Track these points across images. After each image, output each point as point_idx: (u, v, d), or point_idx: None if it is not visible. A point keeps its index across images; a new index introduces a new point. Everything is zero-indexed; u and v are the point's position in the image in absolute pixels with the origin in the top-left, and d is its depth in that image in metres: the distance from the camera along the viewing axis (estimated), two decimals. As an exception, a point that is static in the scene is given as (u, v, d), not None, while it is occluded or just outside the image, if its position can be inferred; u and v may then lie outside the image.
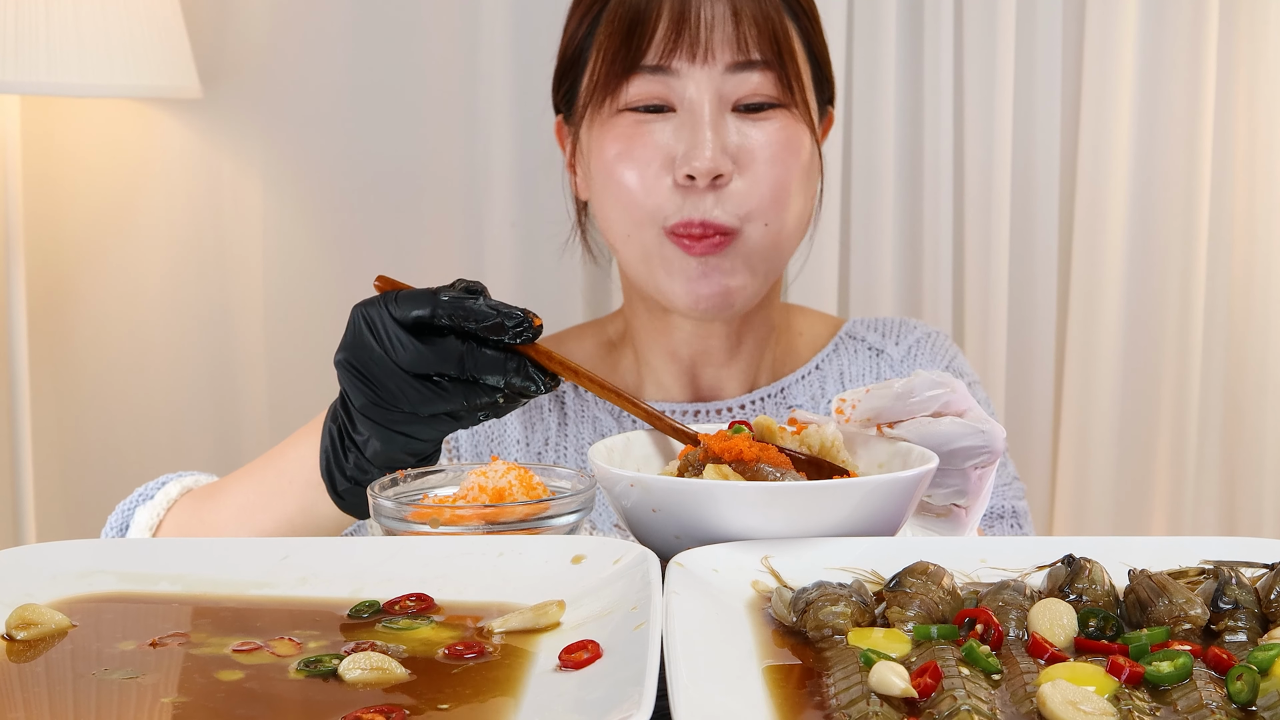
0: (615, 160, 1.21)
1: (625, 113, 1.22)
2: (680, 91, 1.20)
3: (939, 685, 0.64)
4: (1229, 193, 2.20)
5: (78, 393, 2.24)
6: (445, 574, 0.80)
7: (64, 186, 2.20)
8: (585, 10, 1.27)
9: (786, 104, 1.22)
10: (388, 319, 0.87)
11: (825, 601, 0.74)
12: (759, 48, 1.20)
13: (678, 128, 1.20)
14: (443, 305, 0.86)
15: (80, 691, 0.67)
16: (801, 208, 1.25)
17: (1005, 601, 0.75)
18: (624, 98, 1.21)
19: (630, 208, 1.21)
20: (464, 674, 0.68)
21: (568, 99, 1.30)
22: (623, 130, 1.21)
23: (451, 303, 0.86)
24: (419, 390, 0.87)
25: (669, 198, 1.20)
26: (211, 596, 0.80)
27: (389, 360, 0.87)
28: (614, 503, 0.88)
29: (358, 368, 0.88)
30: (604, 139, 1.23)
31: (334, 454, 0.93)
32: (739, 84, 1.20)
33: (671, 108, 1.21)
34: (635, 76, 1.20)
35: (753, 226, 1.21)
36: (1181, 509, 2.23)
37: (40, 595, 0.79)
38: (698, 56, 1.18)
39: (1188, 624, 0.73)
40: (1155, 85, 2.16)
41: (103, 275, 2.22)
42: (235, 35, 2.16)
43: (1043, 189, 2.17)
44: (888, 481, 0.82)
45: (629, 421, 1.31)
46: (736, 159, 1.20)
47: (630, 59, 1.20)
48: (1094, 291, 2.18)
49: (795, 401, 1.31)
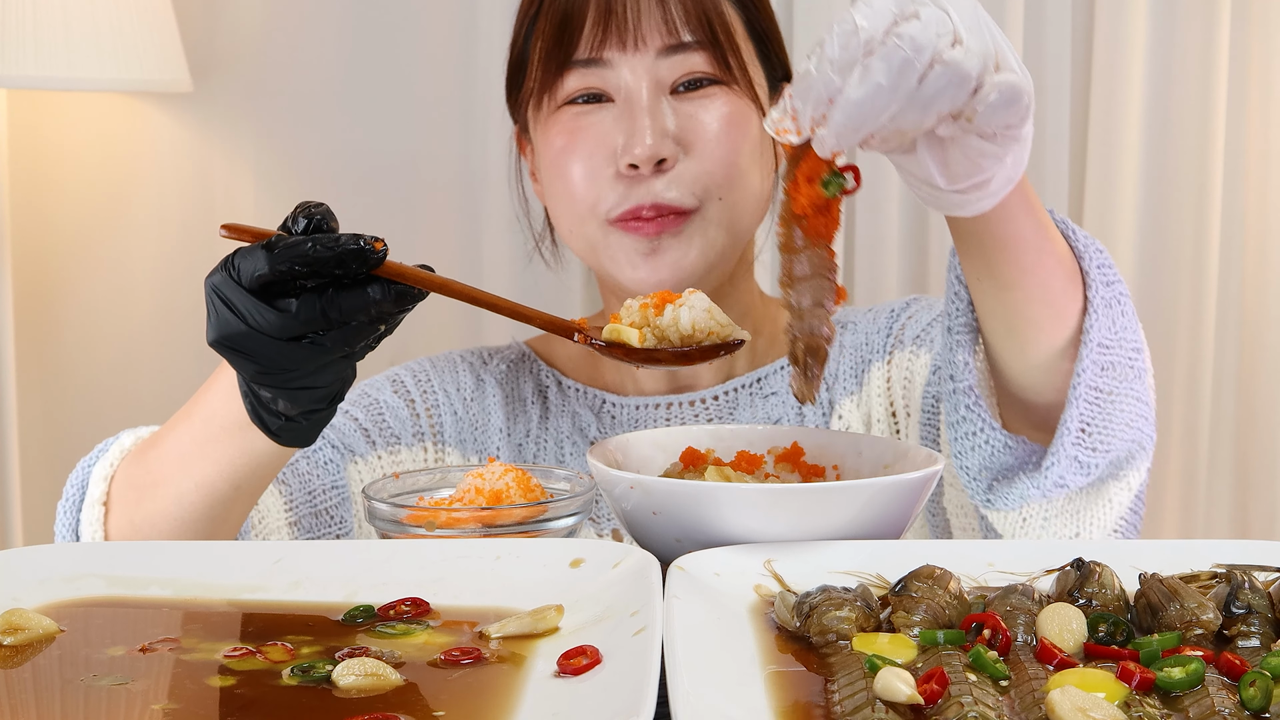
0: (559, 155, 1.23)
1: (565, 107, 1.23)
2: (615, 81, 1.21)
3: (945, 692, 0.63)
4: (1241, 189, 2.19)
5: (66, 393, 2.22)
6: (441, 578, 0.80)
7: (51, 183, 2.18)
8: (524, 15, 1.29)
9: (726, 81, 1.23)
10: (236, 289, 0.85)
11: (829, 606, 0.73)
12: (689, 29, 1.21)
13: (617, 118, 1.21)
14: (279, 260, 0.83)
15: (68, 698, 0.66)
16: (757, 185, 1.25)
17: (1013, 606, 0.74)
18: (561, 93, 1.23)
19: (572, 202, 1.23)
20: (460, 680, 0.68)
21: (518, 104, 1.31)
22: (564, 125, 1.23)
23: (285, 253, 0.83)
24: (298, 351, 0.86)
25: (610, 189, 1.21)
26: (203, 601, 0.79)
27: (257, 333, 0.85)
28: (614, 505, 0.87)
29: (231, 346, 0.86)
30: (548, 135, 1.25)
31: (255, 403, 0.91)
32: (674, 66, 1.21)
33: (610, 98, 1.21)
34: (569, 72, 1.22)
35: (709, 204, 1.21)
36: (1193, 511, 2.22)
37: (27, 600, 0.78)
38: (628, 44, 1.20)
39: (1200, 629, 0.72)
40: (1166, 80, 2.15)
41: (91, 273, 2.20)
42: (227, 27, 2.15)
43: (1052, 185, 2.16)
44: (893, 484, 0.82)
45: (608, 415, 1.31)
46: (681, 140, 1.21)
47: (563, 55, 1.22)
48: (1105, 291, 2.17)
49: (772, 391, 1.30)
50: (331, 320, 0.85)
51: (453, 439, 1.31)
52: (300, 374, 0.87)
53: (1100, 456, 1.01)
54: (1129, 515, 1.11)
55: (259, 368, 0.86)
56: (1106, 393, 1.00)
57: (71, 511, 1.04)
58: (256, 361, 0.86)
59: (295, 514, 1.15)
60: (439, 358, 1.35)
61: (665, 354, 0.86)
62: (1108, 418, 1.01)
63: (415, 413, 1.29)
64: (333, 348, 0.86)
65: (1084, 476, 1.02)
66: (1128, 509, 1.10)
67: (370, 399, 1.28)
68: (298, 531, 1.15)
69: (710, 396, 1.30)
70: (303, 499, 1.16)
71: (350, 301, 0.85)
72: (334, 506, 1.19)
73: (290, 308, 0.84)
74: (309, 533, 1.16)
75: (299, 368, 0.86)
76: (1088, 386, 0.98)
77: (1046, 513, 1.10)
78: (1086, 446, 1.00)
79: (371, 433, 1.26)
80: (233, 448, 0.96)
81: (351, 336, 0.86)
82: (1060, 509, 1.09)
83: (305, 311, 0.84)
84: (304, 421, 0.90)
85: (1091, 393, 0.99)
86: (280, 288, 0.84)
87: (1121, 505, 1.08)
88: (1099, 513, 1.08)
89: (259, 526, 1.11)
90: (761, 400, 1.29)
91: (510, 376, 1.34)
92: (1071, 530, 1.09)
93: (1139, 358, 1.02)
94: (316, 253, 0.83)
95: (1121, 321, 1.01)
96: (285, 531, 1.13)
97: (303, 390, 0.88)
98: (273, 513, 1.12)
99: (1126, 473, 1.06)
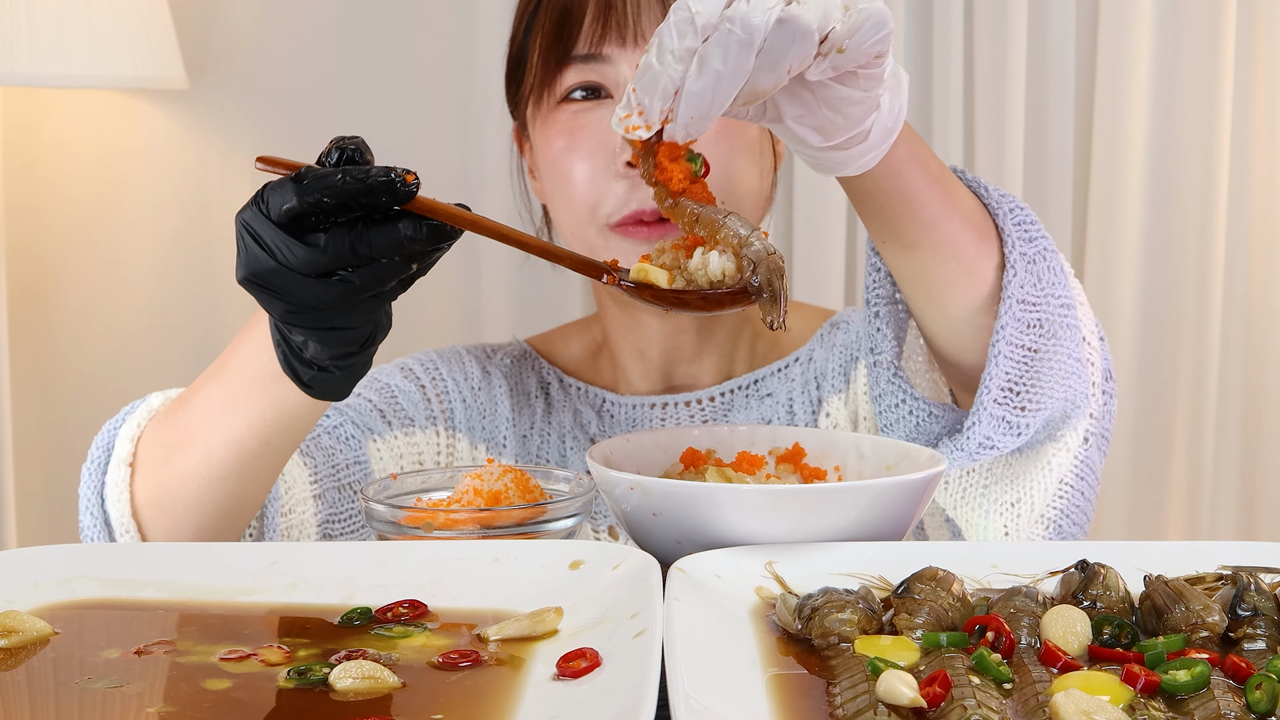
0: (560, 156, 1.23)
1: (564, 104, 1.22)
2: (615, 77, 1.21)
3: (948, 695, 0.63)
4: (1247, 188, 2.19)
5: (60, 393, 2.21)
6: (439, 580, 0.79)
7: (45, 180, 2.17)
8: (523, 10, 1.29)
9: None
10: (266, 223, 0.84)
11: (831, 608, 0.73)
12: None
13: None
14: (307, 191, 0.82)
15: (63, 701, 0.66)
16: (756, 185, 1.25)
17: (1017, 608, 0.74)
18: (560, 88, 1.22)
19: (572, 204, 1.22)
20: (458, 683, 0.67)
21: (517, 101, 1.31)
22: (563, 125, 1.22)
23: (313, 185, 0.82)
24: (327, 289, 0.84)
25: (611, 191, 1.20)
26: (198, 603, 0.79)
27: (285, 269, 0.83)
28: (613, 506, 0.87)
29: (260, 283, 0.85)
30: (548, 133, 1.24)
31: (287, 351, 0.90)
32: None
33: (609, 94, 1.21)
34: (569, 67, 1.22)
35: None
36: (1199, 512, 2.22)
37: (21, 602, 0.78)
38: (627, 40, 1.19)
39: (1205, 631, 0.72)
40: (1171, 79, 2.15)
41: (86, 272, 2.20)
42: (223, 24, 2.14)
43: (1056, 185, 2.16)
44: (895, 485, 0.81)
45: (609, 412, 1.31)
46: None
47: (563, 50, 1.21)
48: (1109, 288, 2.17)
49: (768, 392, 1.30)
50: (361, 256, 0.82)
51: (463, 425, 1.31)
52: (330, 313, 0.85)
53: (1031, 416, 1.02)
54: (1073, 480, 1.12)
55: (288, 306, 0.84)
56: (1034, 350, 1.01)
57: (96, 473, 1.03)
58: (285, 299, 0.84)
59: (320, 486, 1.14)
60: (444, 350, 1.35)
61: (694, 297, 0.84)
62: (1036, 375, 1.02)
63: (426, 397, 1.29)
64: (362, 285, 0.84)
65: (1014, 437, 1.03)
66: (1070, 472, 1.10)
67: (381, 383, 1.27)
68: (322, 505, 1.14)
69: (707, 397, 1.30)
70: (327, 472, 1.16)
71: (380, 237, 0.82)
72: (357, 481, 1.18)
73: (319, 242, 0.82)
74: (332, 507, 1.15)
75: (328, 306, 0.84)
76: (1009, 344, 0.99)
77: (985, 480, 1.11)
78: (1014, 406, 1.01)
79: (387, 414, 1.25)
80: (263, 400, 0.95)
81: (382, 274, 0.84)
82: (999, 475, 1.10)
83: (334, 247, 0.82)
84: (336, 370, 0.88)
85: (1016, 350, 1.00)
86: (310, 222, 0.83)
87: (1061, 467, 1.09)
88: (1038, 476, 1.09)
89: (285, 497, 1.09)
90: (757, 401, 1.29)
91: (514, 371, 1.34)
92: (1013, 496, 1.10)
93: (1069, 314, 1.03)
94: (345, 184, 0.81)
95: (1048, 278, 1.01)
96: (310, 505, 1.12)
97: (333, 331, 0.86)
98: (299, 483, 1.12)
99: (1063, 433, 1.08)
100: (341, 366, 0.88)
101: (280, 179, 0.84)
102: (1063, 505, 1.12)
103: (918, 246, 0.98)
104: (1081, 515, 1.15)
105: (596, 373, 1.35)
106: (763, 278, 0.82)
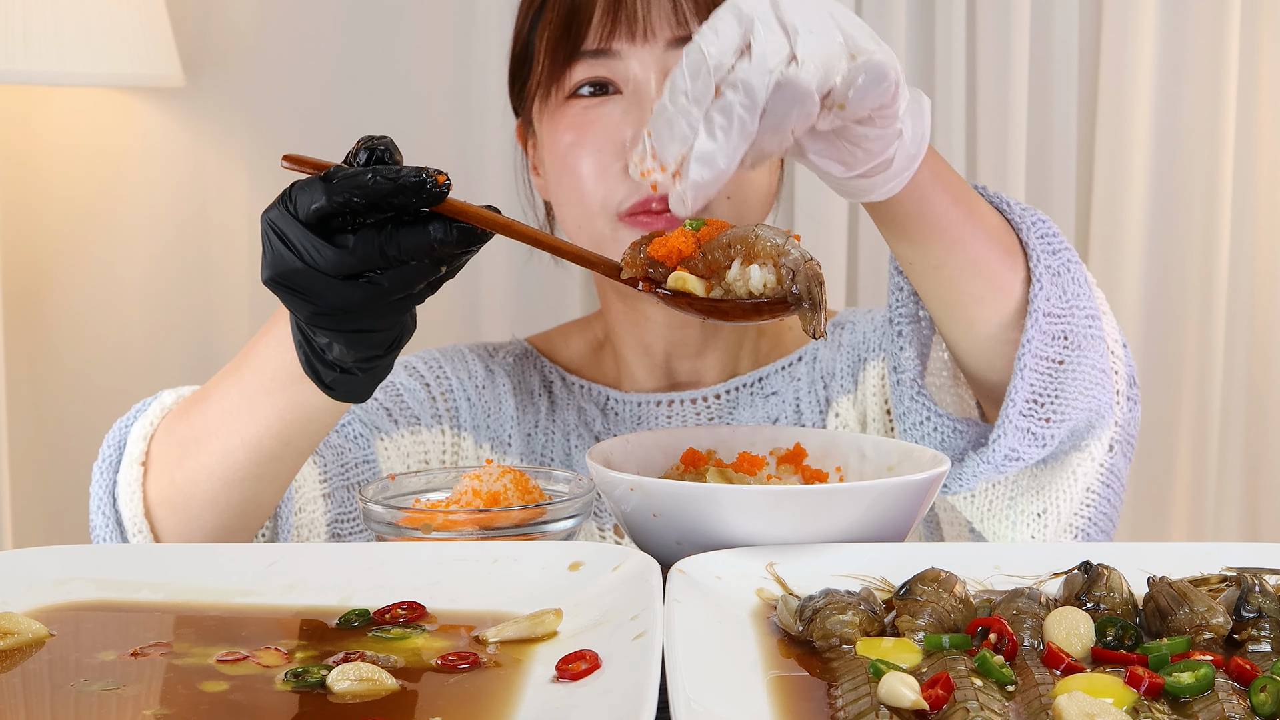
0: (569, 150, 1.22)
1: (573, 100, 1.22)
2: (624, 73, 1.20)
3: (951, 697, 0.63)
4: (1251, 189, 2.18)
5: (56, 393, 2.21)
6: (438, 581, 0.79)
7: (41, 179, 2.17)
8: (528, 8, 1.28)
9: None
10: (293, 223, 0.82)
11: (833, 610, 0.72)
12: (699, 20, 1.20)
13: (625, 110, 1.20)
14: (336, 191, 0.80)
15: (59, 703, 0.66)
16: (764, 182, 1.24)
17: (1020, 610, 0.73)
18: (568, 84, 1.22)
19: (581, 198, 1.22)
20: (457, 685, 0.67)
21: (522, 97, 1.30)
22: (572, 119, 1.22)
23: (343, 184, 0.81)
24: (354, 291, 0.83)
25: (619, 184, 1.19)
26: (195, 605, 0.78)
27: (312, 270, 0.82)
28: (613, 507, 0.86)
29: (286, 285, 0.84)
30: (555, 129, 1.23)
31: (309, 352, 0.89)
32: None
33: (618, 89, 1.21)
34: (577, 63, 1.21)
35: (717, 202, 1.21)
36: (1203, 513, 2.21)
37: (17, 603, 0.77)
38: (637, 35, 1.19)
39: (1209, 633, 0.72)
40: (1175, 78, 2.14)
41: (82, 272, 2.19)
42: (220, 21, 2.13)
43: (1059, 185, 2.15)
44: (897, 485, 0.81)
45: (613, 411, 1.30)
46: None
47: (571, 46, 1.21)
48: (1112, 288, 2.16)
49: (773, 390, 1.30)
50: (390, 258, 0.82)
51: (468, 424, 1.30)
52: (357, 316, 0.84)
53: (1056, 427, 1.02)
54: (1099, 488, 1.12)
55: (314, 308, 0.83)
56: (1060, 363, 1.01)
57: (108, 472, 1.02)
58: (312, 301, 0.83)
59: (330, 485, 1.13)
60: (446, 348, 1.35)
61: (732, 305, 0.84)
62: (1061, 387, 1.02)
63: (431, 395, 1.28)
64: (390, 288, 0.83)
65: (1039, 448, 1.03)
66: (1096, 480, 1.10)
67: (387, 382, 1.26)
68: (331, 504, 1.13)
69: (712, 395, 1.30)
70: (336, 471, 1.15)
71: (410, 239, 0.81)
72: (366, 480, 1.18)
73: (347, 244, 0.81)
74: (341, 506, 1.15)
75: (356, 308, 0.83)
76: (1035, 357, 1.00)
77: (1012, 491, 1.11)
78: (1039, 418, 1.01)
79: (394, 412, 1.25)
80: (283, 402, 0.94)
81: (411, 277, 0.83)
82: (1025, 486, 1.10)
83: (363, 248, 0.81)
84: (359, 372, 0.87)
85: (1042, 363, 1.00)
86: (339, 223, 0.82)
87: (1087, 476, 1.09)
88: (1064, 486, 1.09)
89: (296, 496, 1.09)
90: (762, 400, 1.29)
91: (517, 369, 1.34)
92: (1039, 507, 1.10)
93: (1095, 324, 1.03)
94: (376, 184, 0.80)
95: (1073, 289, 1.02)
96: (320, 504, 1.12)
97: (359, 334, 0.85)
98: (309, 482, 1.11)
99: (1088, 442, 1.07)
100: (365, 369, 0.87)
101: (309, 178, 0.82)
102: (1089, 514, 1.12)
103: (944, 266, 0.98)
104: (1108, 522, 1.15)
105: (599, 370, 1.35)
106: (802, 287, 0.82)
